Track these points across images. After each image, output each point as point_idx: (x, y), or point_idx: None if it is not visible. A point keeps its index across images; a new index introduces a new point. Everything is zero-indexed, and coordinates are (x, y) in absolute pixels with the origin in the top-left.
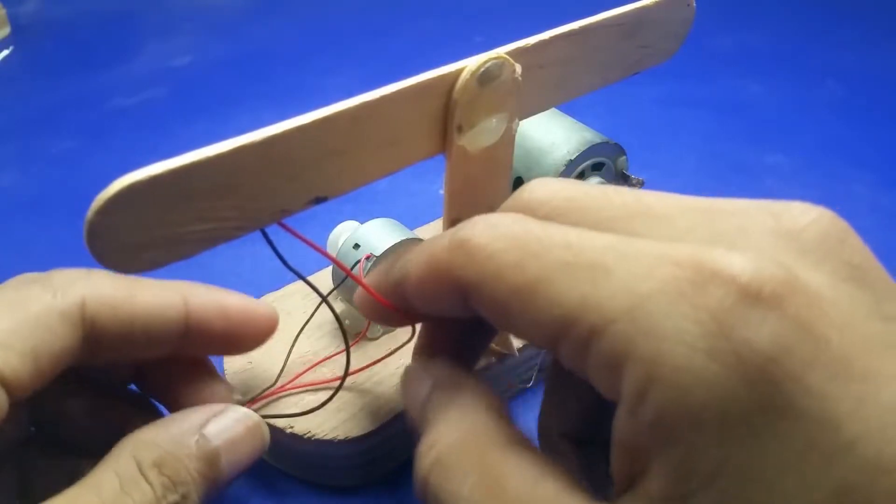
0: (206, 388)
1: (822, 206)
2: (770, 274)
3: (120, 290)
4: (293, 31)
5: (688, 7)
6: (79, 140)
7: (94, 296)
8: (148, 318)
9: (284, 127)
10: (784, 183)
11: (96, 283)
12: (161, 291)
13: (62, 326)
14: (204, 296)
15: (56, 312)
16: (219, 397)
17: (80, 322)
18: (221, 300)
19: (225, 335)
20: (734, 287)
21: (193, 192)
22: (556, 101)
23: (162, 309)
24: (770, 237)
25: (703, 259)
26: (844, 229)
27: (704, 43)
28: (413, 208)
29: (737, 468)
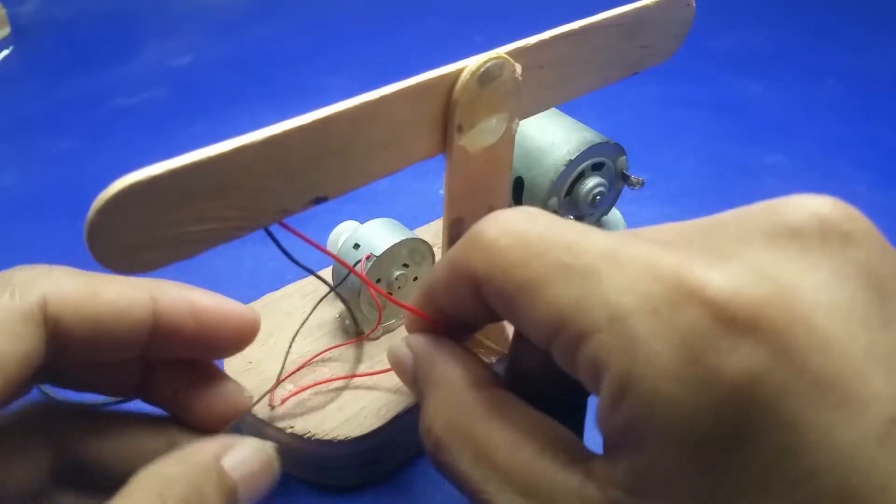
0: (216, 389)
1: (824, 196)
2: (749, 294)
3: (83, 288)
4: (293, 31)
5: (688, 7)
6: (79, 140)
7: (56, 294)
8: (113, 316)
9: (285, 127)
10: (784, 183)
11: (58, 281)
12: (127, 289)
13: (24, 328)
14: (173, 294)
15: (16, 314)
16: (232, 397)
17: (43, 322)
18: (192, 299)
19: (197, 337)
20: (709, 310)
21: (194, 193)
22: (556, 101)
23: (127, 307)
24: (766, 240)
25: (684, 275)
26: (849, 218)
27: (704, 43)
28: (413, 208)
29: (690, 486)
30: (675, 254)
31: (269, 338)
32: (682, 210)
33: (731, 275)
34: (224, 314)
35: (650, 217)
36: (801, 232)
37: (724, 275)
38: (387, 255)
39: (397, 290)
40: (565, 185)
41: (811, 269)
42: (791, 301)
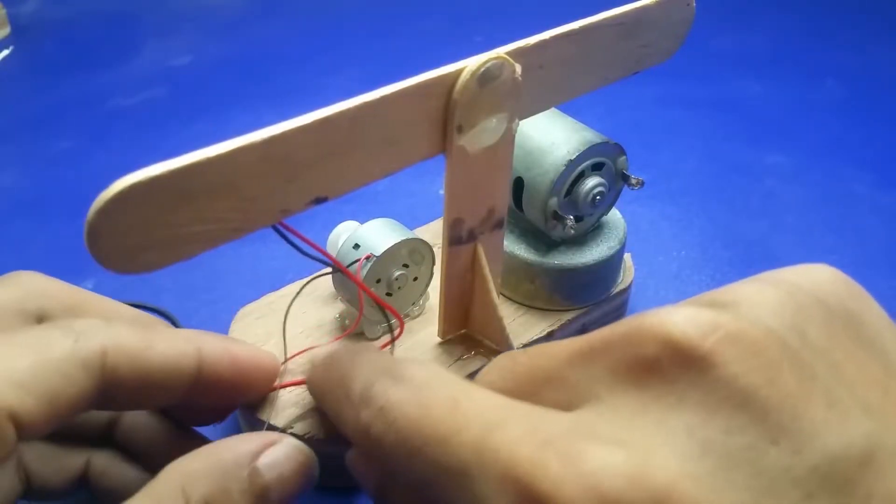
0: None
1: (684, 308)
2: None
3: (138, 341)
4: (293, 31)
5: (687, 7)
6: (79, 140)
7: (115, 345)
8: (163, 369)
9: (285, 127)
10: (784, 183)
11: (117, 333)
12: (176, 342)
13: (81, 374)
14: (216, 346)
15: (78, 360)
16: (267, 365)
17: (100, 372)
18: (232, 351)
19: (232, 385)
20: None
21: (194, 193)
22: (556, 101)
23: (177, 359)
24: (628, 382)
25: (534, 486)
26: (706, 334)
27: (704, 43)
28: (413, 208)
29: None
30: (529, 446)
31: (270, 338)
32: (682, 210)
33: (580, 477)
34: (257, 363)
35: (650, 217)
36: (659, 366)
37: (574, 479)
38: (387, 255)
39: (397, 291)
40: (565, 185)
41: (673, 415)
42: (645, 487)
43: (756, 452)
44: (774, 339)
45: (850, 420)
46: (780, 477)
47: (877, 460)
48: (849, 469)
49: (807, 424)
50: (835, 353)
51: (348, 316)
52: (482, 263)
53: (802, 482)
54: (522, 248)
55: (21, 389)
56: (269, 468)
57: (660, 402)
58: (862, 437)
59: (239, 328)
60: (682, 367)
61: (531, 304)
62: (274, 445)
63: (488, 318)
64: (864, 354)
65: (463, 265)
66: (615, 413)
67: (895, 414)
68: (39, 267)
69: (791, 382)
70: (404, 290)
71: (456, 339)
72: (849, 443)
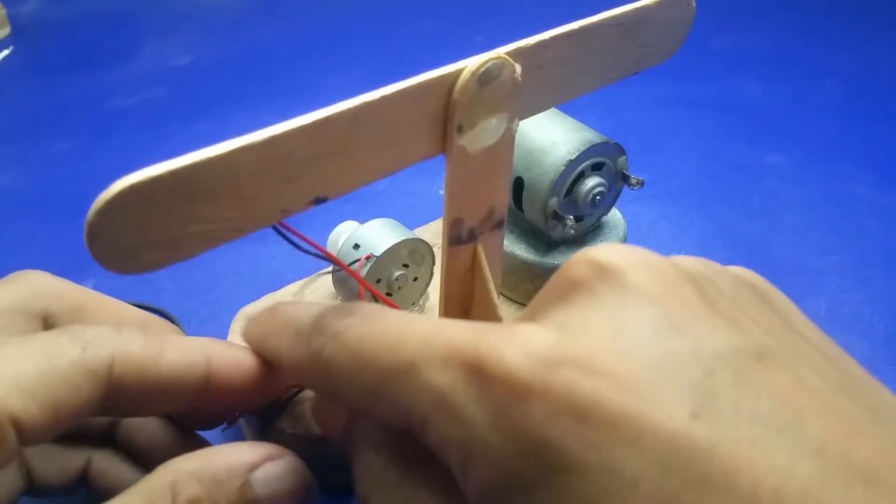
0: None
1: (608, 245)
2: (534, 361)
3: (147, 350)
4: (293, 31)
5: (688, 7)
6: (79, 140)
7: (123, 355)
8: (171, 378)
9: (285, 127)
10: (784, 183)
11: (126, 341)
12: (186, 352)
13: (87, 383)
14: (225, 355)
15: (84, 369)
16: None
17: (107, 382)
18: (240, 360)
19: (241, 394)
20: (504, 386)
21: (193, 193)
22: (556, 101)
23: (185, 369)
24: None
25: (480, 356)
26: (623, 255)
27: (704, 43)
28: (413, 208)
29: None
30: (470, 332)
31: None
32: (682, 210)
33: (516, 343)
34: (264, 374)
35: (650, 217)
36: (584, 281)
37: (511, 345)
38: (387, 255)
39: (397, 291)
40: (565, 185)
41: (593, 310)
42: (571, 353)
43: (665, 337)
44: (682, 271)
45: (747, 332)
46: (685, 355)
47: (769, 360)
48: (746, 360)
49: (708, 325)
50: (740, 299)
51: None
52: (482, 263)
53: (705, 361)
54: (522, 248)
55: (25, 395)
56: (263, 484)
57: (584, 306)
58: (757, 340)
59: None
60: (601, 278)
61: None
62: (273, 461)
63: (488, 318)
64: (767, 309)
65: (463, 265)
66: (548, 318)
67: (791, 344)
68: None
69: (693, 297)
70: (404, 290)
71: None
72: (746, 342)
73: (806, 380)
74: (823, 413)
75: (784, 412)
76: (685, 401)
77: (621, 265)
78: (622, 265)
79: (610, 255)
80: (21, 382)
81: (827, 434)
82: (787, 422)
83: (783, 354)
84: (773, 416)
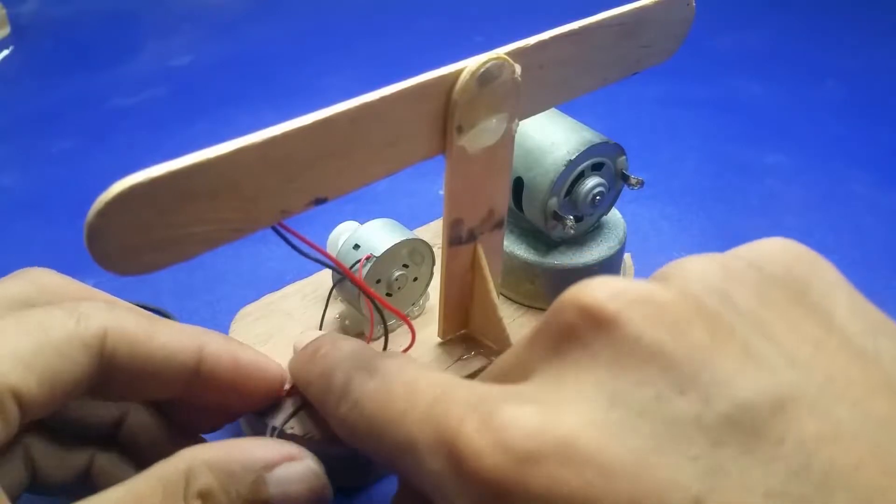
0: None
1: (601, 279)
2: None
3: (140, 327)
4: (293, 31)
5: (687, 7)
6: (79, 140)
7: (116, 329)
8: (163, 359)
9: (285, 128)
10: (784, 183)
11: (119, 317)
12: (179, 334)
13: (82, 356)
14: (219, 345)
15: (78, 341)
16: (272, 374)
17: (99, 354)
18: (235, 352)
19: (233, 388)
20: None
21: (194, 194)
22: (556, 101)
23: (177, 352)
24: (552, 349)
25: (460, 447)
26: (613, 297)
27: (704, 43)
28: (413, 208)
29: None
30: (459, 413)
31: (270, 339)
32: (682, 210)
33: (491, 431)
34: (261, 369)
35: (650, 217)
36: (575, 330)
37: (486, 434)
38: (387, 255)
39: (397, 291)
40: (565, 186)
41: (585, 372)
42: (553, 441)
43: (663, 402)
44: (686, 300)
45: (766, 370)
46: (688, 424)
47: (791, 407)
48: (760, 415)
49: (717, 375)
50: (763, 312)
51: (348, 316)
52: (482, 264)
53: (711, 429)
54: (522, 248)
55: (24, 367)
56: (277, 483)
57: (577, 364)
58: (776, 386)
59: (239, 328)
60: (593, 329)
61: (531, 304)
62: (291, 462)
63: (488, 318)
64: (800, 313)
65: (463, 265)
66: (543, 379)
67: (824, 367)
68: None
69: (702, 337)
70: (404, 290)
71: (456, 340)
72: (762, 391)
73: (837, 424)
74: (857, 469)
75: (804, 479)
76: (686, 483)
77: (614, 310)
78: (615, 310)
79: (602, 297)
80: (20, 355)
81: (860, 499)
82: (807, 491)
83: (810, 392)
84: (790, 487)
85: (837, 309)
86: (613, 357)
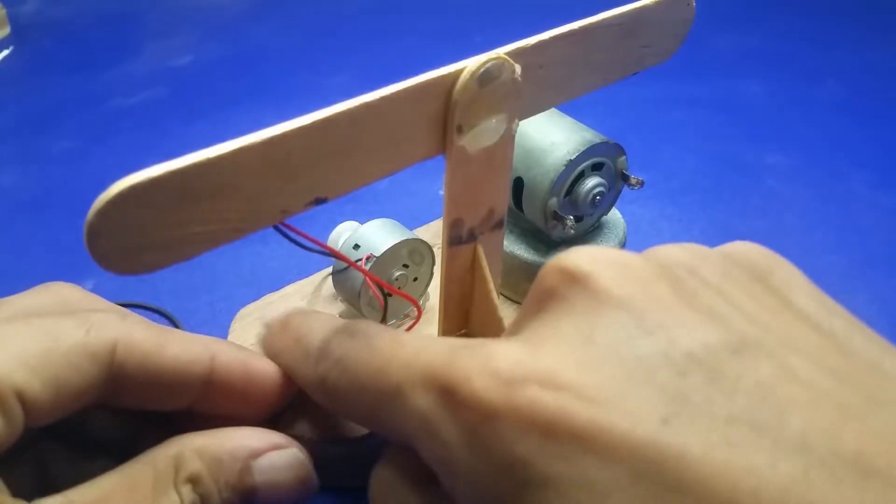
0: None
1: (580, 248)
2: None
3: (151, 339)
4: (293, 31)
5: (688, 6)
6: (79, 140)
7: (126, 341)
8: (174, 371)
9: (285, 128)
10: (784, 183)
11: (130, 329)
12: (190, 345)
13: (90, 366)
14: (230, 355)
15: (87, 351)
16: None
17: (109, 365)
18: (246, 361)
19: (244, 396)
20: (473, 412)
21: (194, 194)
22: (556, 101)
23: (188, 363)
24: (535, 307)
25: (451, 379)
26: (590, 260)
27: (704, 43)
28: (413, 208)
29: None
30: (445, 354)
31: None
32: (682, 210)
33: (481, 362)
34: (270, 379)
35: (650, 217)
36: (555, 289)
37: (476, 365)
38: (387, 255)
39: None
40: (565, 185)
41: (563, 318)
42: (535, 368)
43: (633, 341)
44: (657, 266)
45: (727, 323)
46: (655, 359)
47: (750, 352)
48: (721, 355)
49: (683, 322)
50: (726, 285)
51: (347, 315)
52: (482, 264)
53: (676, 362)
54: (522, 248)
55: (29, 372)
56: (263, 471)
57: (556, 314)
58: (737, 335)
59: (239, 328)
60: (571, 285)
61: None
62: (278, 451)
63: (489, 318)
64: (760, 289)
65: (463, 265)
66: (528, 330)
67: (781, 330)
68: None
69: (667, 293)
70: (404, 290)
71: None
72: (722, 337)
73: (792, 369)
74: (809, 404)
75: (762, 408)
76: (654, 407)
77: (589, 269)
78: (590, 269)
79: (579, 259)
80: (26, 359)
81: (811, 426)
82: (766, 418)
83: (767, 343)
84: (750, 414)
85: (795, 293)
86: (588, 305)
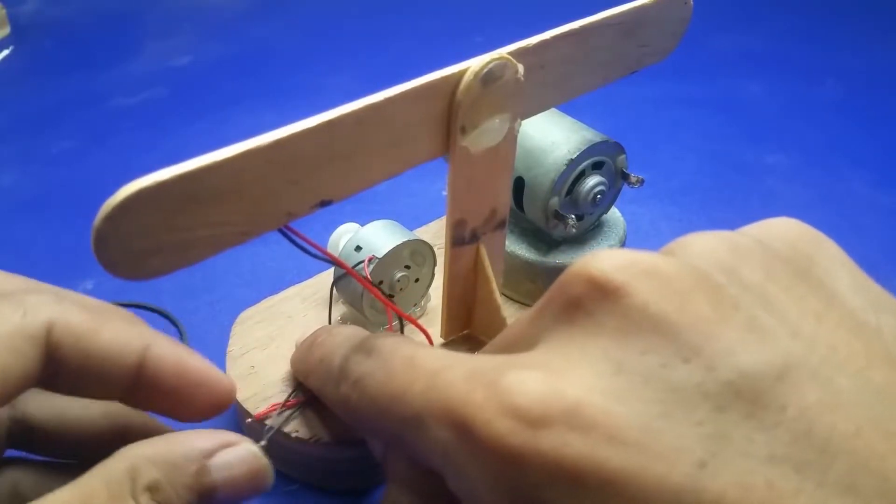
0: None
1: (609, 251)
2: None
3: (87, 322)
4: (293, 31)
5: (685, 6)
6: (79, 140)
7: (62, 322)
8: (105, 355)
9: (290, 130)
10: (784, 183)
11: (66, 310)
12: (125, 332)
13: (29, 348)
14: (164, 348)
15: (24, 333)
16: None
17: (44, 346)
18: (181, 358)
19: (176, 395)
20: (492, 456)
21: (201, 197)
22: (556, 100)
23: (120, 350)
24: (560, 320)
25: (468, 415)
26: (620, 269)
27: (704, 43)
28: (414, 208)
29: None
30: (462, 382)
31: (271, 342)
32: (682, 209)
33: (497, 396)
34: (209, 380)
35: (650, 216)
36: (582, 301)
37: (493, 399)
38: (389, 256)
39: (399, 292)
40: (566, 185)
41: (592, 340)
42: (561, 406)
43: (667, 370)
44: (691, 273)
45: (769, 341)
46: (692, 391)
47: (793, 375)
48: (763, 383)
49: (721, 344)
50: (767, 287)
51: (350, 318)
52: (485, 264)
53: (714, 395)
54: (523, 247)
55: None
56: (220, 469)
57: (583, 332)
58: (780, 356)
59: (239, 332)
60: (600, 300)
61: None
62: (230, 447)
63: (491, 318)
64: (804, 288)
65: (466, 266)
66: (548, 347)
67: (826, 338)
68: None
69: (705, 309)
70: (406, 291)
71: (458, 340)
72: (765, 360)
73: (838, 392)
74: (855, 437)
75: (806, 445)
76: (691, 448)
77: (621, 281)
78: (622, 281)
79: (608, 267)
80: None
81: (858, 464)
82: (809, 456)
83: (811, 361)
84: (793, 452)
85: (840, 285)
86: (619, 326)
